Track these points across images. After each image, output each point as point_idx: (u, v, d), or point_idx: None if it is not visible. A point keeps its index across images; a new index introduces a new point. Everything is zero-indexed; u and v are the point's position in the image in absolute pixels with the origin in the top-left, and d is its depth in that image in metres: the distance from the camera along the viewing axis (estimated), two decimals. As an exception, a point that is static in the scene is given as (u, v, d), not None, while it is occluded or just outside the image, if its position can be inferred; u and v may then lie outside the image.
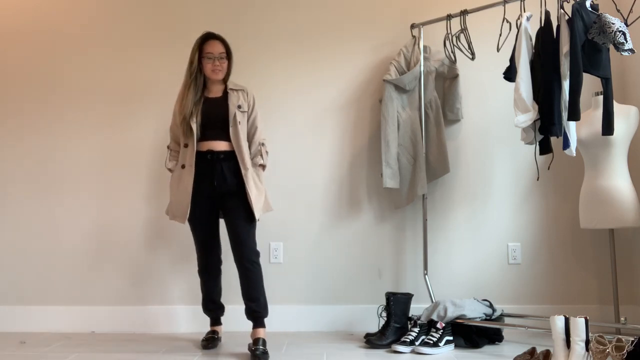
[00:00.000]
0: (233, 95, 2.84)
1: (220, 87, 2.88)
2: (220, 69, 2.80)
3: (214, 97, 2.85)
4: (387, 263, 3.37)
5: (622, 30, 2.45)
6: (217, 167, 2.74)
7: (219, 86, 2.88)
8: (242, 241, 2.71)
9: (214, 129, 2.78)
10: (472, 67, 3.33)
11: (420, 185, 3.21)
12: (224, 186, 2.74)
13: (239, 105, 2.82)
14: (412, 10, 3.44)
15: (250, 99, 2.89)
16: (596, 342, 2.19)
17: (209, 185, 2.75)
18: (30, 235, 3.35)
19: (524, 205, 3.39)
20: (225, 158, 2.76)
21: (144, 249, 3.34)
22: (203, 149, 2.77)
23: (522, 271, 3.35)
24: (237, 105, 2.81)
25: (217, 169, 2.74)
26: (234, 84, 2.90)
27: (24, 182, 3.39)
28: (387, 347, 2.84)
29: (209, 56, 2.78)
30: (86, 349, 2.83)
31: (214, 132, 2.78)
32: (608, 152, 2.88)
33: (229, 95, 2.84)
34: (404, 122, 3.27)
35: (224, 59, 2.80)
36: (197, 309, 3.23)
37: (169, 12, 3.49)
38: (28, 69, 3.46)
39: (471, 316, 2.87)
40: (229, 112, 2.79)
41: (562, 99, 2.66)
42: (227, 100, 2.82)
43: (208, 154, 2.76)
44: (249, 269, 2.70)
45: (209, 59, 2.78)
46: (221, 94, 2.86)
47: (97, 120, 3.43)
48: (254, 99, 2.90)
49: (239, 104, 2.82)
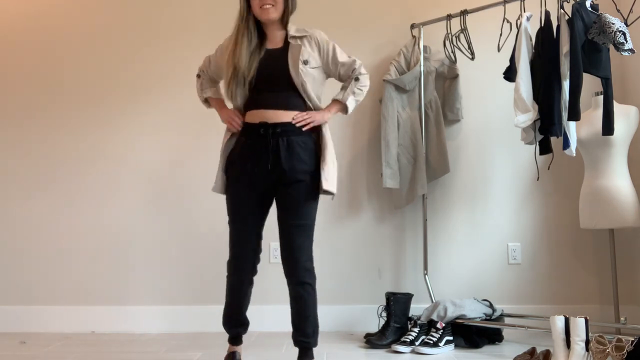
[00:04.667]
0: (295, 45, 2.20)
1: (281, 34, 2.23)
2: (272, 3, 2.14)
3: (272, 49, 2.22)
4: (387, 263, 3.37)
5: (622, 30, 2.45)
6: (273, 144, 2.14)
7: (277, 32, 2.23)
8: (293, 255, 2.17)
9: (271, 93, 2.17)
10: (472, 67, 3.33)
11: (420, 185, 3.21)
12: (278, 171, 2.14)
13: (304, 60, 2.17)
14: (412, 10, 3.44)
15: (321, 42, 2.24)
16: (596, 342, 2.19)
17: (260, 170, 2.16)
18: (30, 235, 3.35)
19: (524, 205, 3.39)
20: (284, 132, 2.15)
21: (144, 249, 3.34)
22: (255, 120, 2.17)
23: (522, 271, 3.35)
24: (302, 60, 2.16)
25: (272, 147, 2.14)
26: (298, 29, 2.25)
27: (24, 182, 3.39)
28: (387, 347, 2.83)
29: None
30: (86, 349, 2.83)
31: (272, 97, 2.17)
32: (608, 152, 2.88)
33: (290, 46, 2.20)
34: (404, 122, 3.27)
35: None
36: (197, 308, 3.24)
37: (170, 10, 3.49)
38: (28, 69, 3.46)
39: (471, 316, 2.87)
40: (290, 70, 2.16)
41: (562, 99, 2.66)
42: (287, 51, 2.19)
43: (261, 127, 2.15)
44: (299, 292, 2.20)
45: None
46: (281, 44, 2.22)
47: (97, 120, 3.42)
48: (323, 38, 2.26)
49: (305, 58, 2.17)
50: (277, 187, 2.19)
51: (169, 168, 3.39)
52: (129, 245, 3.34)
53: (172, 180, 3.39)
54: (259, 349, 2.76)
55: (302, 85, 2.17)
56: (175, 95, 3.40)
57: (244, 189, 2.20)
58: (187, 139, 3.40)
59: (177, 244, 3.34)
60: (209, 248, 3.32)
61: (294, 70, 2.16)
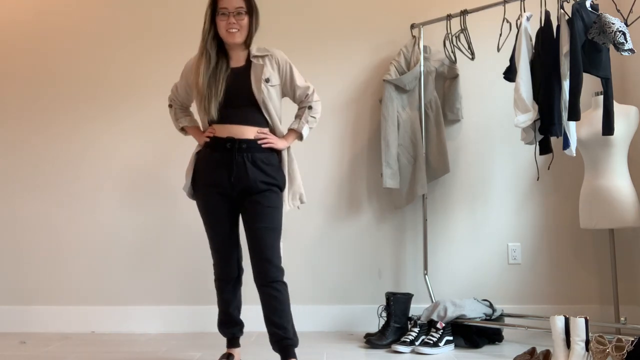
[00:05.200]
0: (257, 64, 2.29)
1: (243, 54, 2.32)
2: (237, 27, 2.23)
3: (236, 67, 2.30)
4: (387, 263, 3.37)
5: (622, 30, 2.45)
6: (238, 159, 2.24)
7: (240, 52, 2.32)
8: (263, 255, 2.22)
9: (235, 109, 2.25)
10: (472, 67, 3.33)
11: (420, 185, 3.21)
12: (243, 183, 2.24)
13: (266, 78, 2.26)
14: (412, 10, 3.44)
15: (281, 62, 2.33)
16: (596, 342, 2.19)
17: (226, 180, 2.25)
18: (30, 235, 3.35)
19: (524, 205, 3.39)
20: (248, 148, 2.25)
21: (144, 249, 3.34)
22: (222, 135, 2.26)
23: (522, 271, 3.35)
24: (264, 79, 2.26)
25: (238, 162, 2.24)
26: (259, 48, 2.33)
27: (24, 182, 3.39)
28: (387, 347, 2.83)
29: (224, 12, 2.23)
30: (86, 349, 2.83)
31: (236, 113, 2.25)
32: (608, 152, 2.88)
33: (252, 65, 2.29)
34: (404, 122, 3.26)
35: (242, 14, 2.24)
36: (197, 308, 3.24)
37: (169, 9, 3.49)
38: (27, 70, 3.46)
39: (471, 316, 2.87)
40: (252, 88, 2.25)
41: (562, 99, 2.66)
42: (249, 70, 2.28)
43: (228, 142, 2.25)
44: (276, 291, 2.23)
45: (223, 16, 2.23)
46: (244, 63, 2.31)
47: (97, 120, 3.42)
48: (283, 58, 2.35)
49: (266, 76, 2.27)
50: (244, 198, 2.28)
51: (167, 168, 3.38)
52: (129, 245, 3.34)
53: (172, 180, 3.38)
54: (258, 349, 2.76)
55: (263, 102, 2.27)
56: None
57: (213, 197, 2.30)
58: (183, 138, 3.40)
59: (177, 244, 3.34)
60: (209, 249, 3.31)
61: (256, 88, 2.26)
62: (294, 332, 2.26)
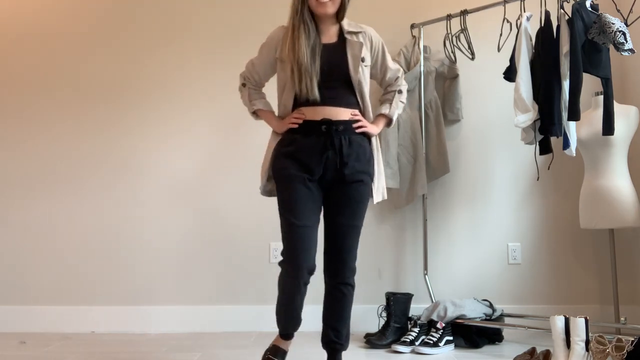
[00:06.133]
0: (353, 41, 2.11)
1: (334, 29, 2.14)
2: None
3: (329, 43, 2.11)
4: (387, 263, 3.37)
5: (622, 30, 2.45)
6: (336, 141, 2.04)
7: (332, 27, 2.13)
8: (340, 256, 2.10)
9: (329, 90, 2.05)
10: (472, 67, 3.33)
11: (420, 185, 3.21)
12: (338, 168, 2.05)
13: (362, 57, 2.09)
14: (412, 10, 3.44)
15: (374, 40, 2.18)
16: (596, 342, 2.19)
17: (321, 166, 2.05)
18: (31, 235, 3.35)
19: (524, 205, 3.39)
20: (345, 130, 2.06)
21: (144, 249, 3.34)
22: (315, 117, 2.06)
23: (522, 271, 3.35)
24: (359, 57, 2.08)
25: (335, 145, 2.04)
26: (350, 23, 2.16)
27: (24, 182, 3.38)
28: (387, 347, 2.83)
29: None
30: (86, 349, 2.83)
31: (330, 94, 2.06)
32: (608, 152, 2.88)
33: (347, 41, 2.11)
34: (404, 122, 3.26)
35: None
36: (198, 308, 3.24)
37: (171, 10, 3.49)
38: (27, 70, 3.45)
39: (471, 316, 2.87)
40: (349, 67, 2.07)
41: (562, 99, 2.67)
42: (344, 47, 2.10)
43: (323, 124, 2.05)
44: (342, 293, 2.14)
45: None
46: (336, 39, 2.13)
47: (98, 121, 3.42)
48: (376, 36, 2.19)
49: (361, 55, 2.09)
50: (333, 186, 2.09)
51: (167, 168, 3.39)
52: (129, 245, 3.34)
53: (173, 179, 3.39)
54: (258, 349, 2.76)
55: (358, 84, 2.10)
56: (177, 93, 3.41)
57: (304, 185, 2.06)
58: (195, 138, 3.41)
59: (177, 244, 3.34)
60: (209, 248, 3.32)
61: (353, 68, 2.07)
62: (347, 335, 2.18)
